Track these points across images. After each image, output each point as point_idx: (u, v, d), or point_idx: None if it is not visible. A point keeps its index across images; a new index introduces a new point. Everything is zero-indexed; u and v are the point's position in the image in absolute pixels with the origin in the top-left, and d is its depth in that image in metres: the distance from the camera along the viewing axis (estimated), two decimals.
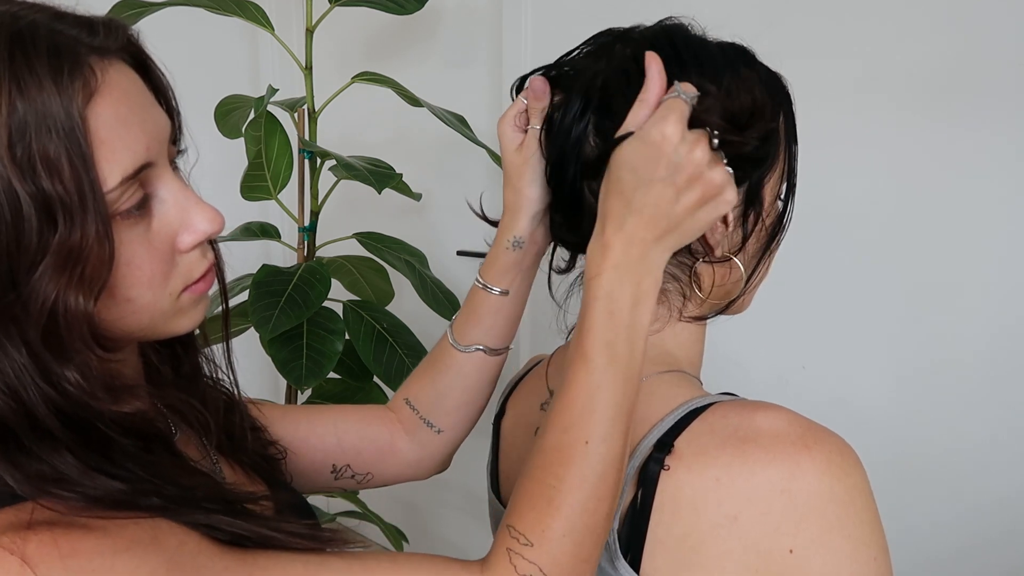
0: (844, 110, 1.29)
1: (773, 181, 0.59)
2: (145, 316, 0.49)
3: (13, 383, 0.43)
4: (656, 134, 0.51)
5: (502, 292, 0.69)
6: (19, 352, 0.43)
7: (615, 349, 0.52)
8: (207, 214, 0.49)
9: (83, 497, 0.43)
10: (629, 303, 0.52)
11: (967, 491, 1.30)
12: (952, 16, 1.18)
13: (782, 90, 0.60)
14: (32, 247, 0.41)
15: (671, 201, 0.51)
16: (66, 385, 0.44)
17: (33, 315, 0.42)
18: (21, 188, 0.40)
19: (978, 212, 1.22)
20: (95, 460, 0.45)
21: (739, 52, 0.59)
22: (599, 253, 0.53)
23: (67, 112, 0.41)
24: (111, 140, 0.43)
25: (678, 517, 0.52)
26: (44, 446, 0.44)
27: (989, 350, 1.24)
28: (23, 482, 0.43)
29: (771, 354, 1.47)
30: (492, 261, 0.68)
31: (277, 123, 1.36)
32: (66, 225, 0.42)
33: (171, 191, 0.48)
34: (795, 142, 0.60)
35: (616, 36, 0.60)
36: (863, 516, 0.50)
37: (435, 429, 0.75)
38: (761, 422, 0.52)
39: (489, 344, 0.71)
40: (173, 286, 0.49)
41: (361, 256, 1.49)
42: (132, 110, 0.45)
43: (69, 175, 0.41)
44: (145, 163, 0.46)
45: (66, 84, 0.41)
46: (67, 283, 0.42)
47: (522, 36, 1.68)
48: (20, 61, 0.41)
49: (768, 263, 0.62)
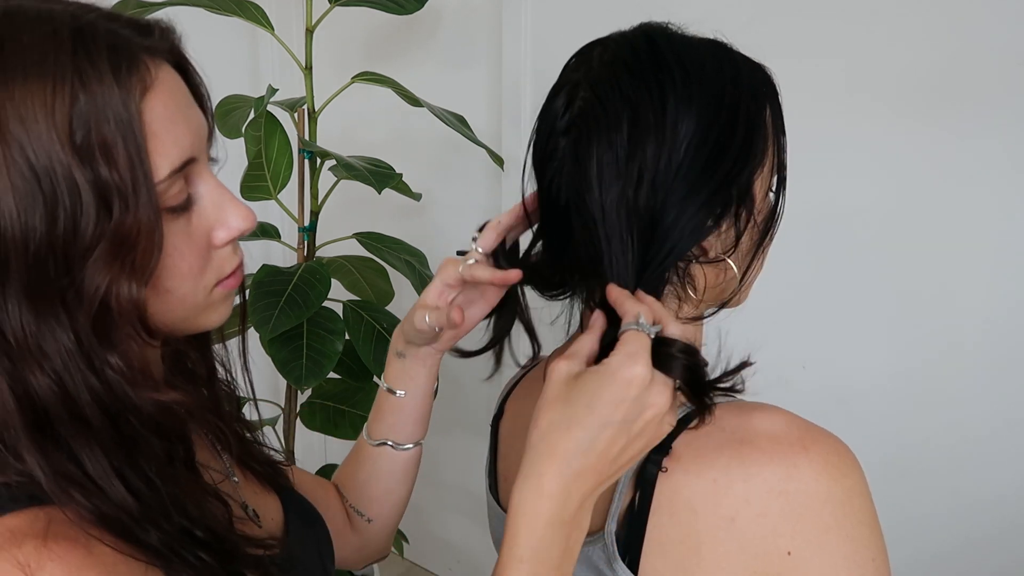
0: (843, 110, 1.29)
1: (763, 176, 0.57)
2: (180, 308, 0.50)
3: (59, 368, 0.44)
4: (626, 374, 0.47)
5: (394, 391, 0.73)
6: (67, 337, 0.44)
7: None
8: (241, 212, 0.51)
9: (95, 511, 0.44)
10: (556, 562, 0.48)
11: (966, 487, 1.30)
12: (943, 19, 1.18)
13: (767, 82, 0.58)
14: (88, 233, 0.43)
15: (622, 449, 0.48)
16: (109, 372, 0.45)
17: (86, 301, 0.44)
18: (80, 175, 0.42)
19: (973, 211, 1.22)
20: (120, 460, 0.45)
21: (719, 48, 0.57)
22: (533, 498, 0.48)
23: (125, 105, 0.43)
24: (161, 134, 0.45)
25: (676, 519, 0.52)
26: (78, 439, 0.44)
27: (986, 347, 1.25)
28: (50, 477, 0.43)
29: (771, 354, 1.46)
30: (387, 363, 0.73)
31: (277, 123, 1.36)
32: (121, 211, 0.43)
33: (209, 188, 0.50)
34: (783, 134, 0.59)
35: (595, 43, 0.59)
36: (861, 517, 0.50)
37: (365, 518, 0.78)
38: (759, 424, 0.52)
39: (394, 440, 0.74)
40: (207, 280, 0.51)
41: (361, 256, 1.49)
42: (179, 107, 0.47)
43: (125, 164, 0.43)
44: (190, 158, 0.47)
45: (124, 79, 0.43)
46: (119, 269, 0.44)
47: (522, 36, 1.67)
48: (83, 56, 0.42)
49: (762, 258, 0.62)
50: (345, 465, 0.79)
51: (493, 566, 0.51)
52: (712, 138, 0.53)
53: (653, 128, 0.52)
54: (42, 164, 0.41)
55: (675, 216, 0.53)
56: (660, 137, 0.52)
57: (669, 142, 0.52)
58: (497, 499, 0.76)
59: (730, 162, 0.54)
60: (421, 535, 2.17)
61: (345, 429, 1.44)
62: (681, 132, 0.53)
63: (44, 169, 0.41)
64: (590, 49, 0.58)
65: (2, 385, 0.43)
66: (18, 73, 0.41)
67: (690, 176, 0.53)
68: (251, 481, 0.64)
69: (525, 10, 1.66)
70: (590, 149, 0.53)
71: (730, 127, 0.54)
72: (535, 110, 0.60)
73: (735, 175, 0.55)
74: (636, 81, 0.53)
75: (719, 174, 0.54)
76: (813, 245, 1.36)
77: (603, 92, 0.54)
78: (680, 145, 0.53)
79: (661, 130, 0.52)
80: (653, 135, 0.52)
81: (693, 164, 0.53)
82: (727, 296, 0.62)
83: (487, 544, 0.54)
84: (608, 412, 0.47)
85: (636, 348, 0.48)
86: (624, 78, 0.54)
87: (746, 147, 0.55)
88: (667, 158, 0.52)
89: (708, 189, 0.54)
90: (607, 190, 0.53)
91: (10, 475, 0.44)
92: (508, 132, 1.74)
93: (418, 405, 0.73)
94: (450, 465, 2.15)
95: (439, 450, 2.14)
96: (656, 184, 0.53)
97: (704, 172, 0.53)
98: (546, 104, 0.58)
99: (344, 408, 1.46)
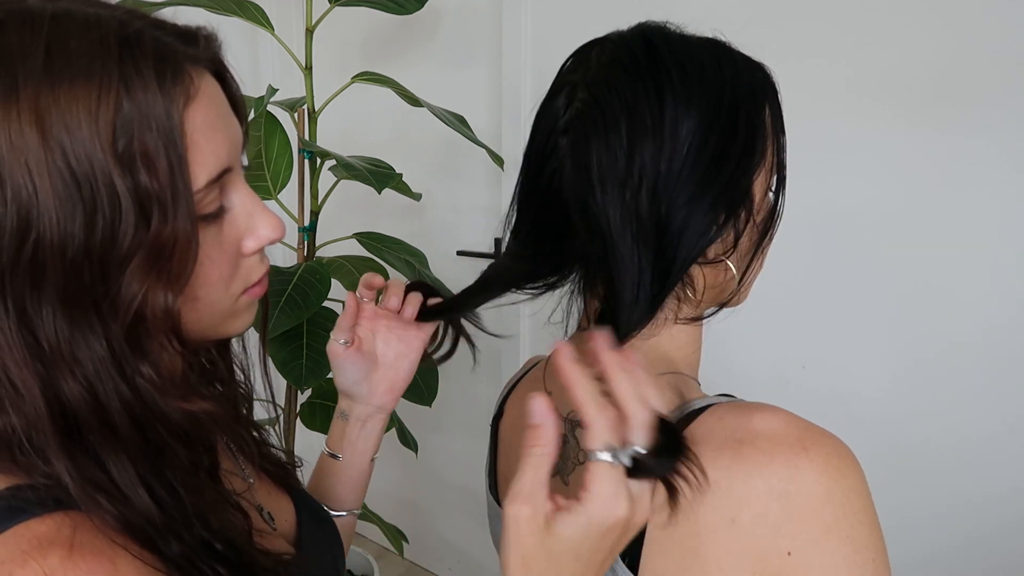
0: (842, 111, 1.29)
1: (762, 176, 0.57)
2: (208, 316, 0.50)
3: (91, 376, 0.44)
4: (608, 520, 0.44)
5: (332, 455, 0.74)
6: (100, 345, 0.44)
7: None
8: (272, 222, 0.51)
9: (121, 518, 0.44)
10: None
11: (966, 487, 1.30)
12: (943, 19, 1.18)
13: (766, 81, 0.58)
14: (127, 242, 0.43)
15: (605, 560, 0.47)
16: (140, 380, 0.45)
17: (121, 310, 0.44)
18: (121, 183, 0.42)
19: (972, 211, 1.22)
20: (146, 469, 0.45)
21: (718, 47, 0.57)
22: None
23: (168, 114, 0.43)
24: (201, 144, 0.45)
25: (676, 520, 0.52)
26: (106, 445, 0.44)
27: (986, 347, 1.25)
28: (78, 482, 0.43)
29: (771, 354, 1.47)
30: (332, 424, 0.75)
31: (277, 123, 1.36)
32: (159, 221, 0.43)
33: (241, 197, 0.50)
34: (783, 133, 0.58)
35: (593, 43, 0.58)
36: (861, 517, 0.50)
37: None
38: (758, 424, 0.52)
39: (328, 504, 0.76)
40: (235, 288, 0.51)
41: (361, 256, 1.49)
42: (219, 117, 0.47)
43: (165, 173, 0.43)
44: (227, 168, 0.48)
45: (169, 88, 0.43)
46: (155, 279, 0.44)
47: (522, 36, 1.68)
48: (128, 63, 0.42)
49: (762, 258, 0.61)
50: None
51: (494, 566, 0.51)
52: (713, 140, 0.53)
53: (651, 130, 0.52)
54: (83, 170, 0.41)
55: (682, 221, 0.53)
56: (659, 139, 0.52)
57: (669, 144, 0.52)
58: (497, 499, 0.76)
59: (733, 164, 0.54)
60: (421, 535, 2.17)
61: None
62: (681, 133, 0.52)
63: (85, 175, 0.41)
64: (588, 50, 0.58)
65: (34, 389, 0.43)
66: (64, 78, 0.41)
67: (693, 179, 0.53)
68: (265, 483, 0.65)
69: (525, 10, 1.66)
70: (589, 151, 0.53)
71: (731, 128, 0.53)
72: (535, 110, 0.59)
73: (738, 177, 0.54)
74: (633, 82, 0.53)
75: (723, 176, 0.53)
76: (813, 245, 1.36)
77: (600, 94, 0.54)
78: (681, 147, 0.52)
79: (660, 131, 0.52)
80: (651, 137, 0.52)
81: (695, 167, 0.53)
82: (726, 296, 0.62)
83: (487, 544, 0.54)
84: (600, 557, 0.46)
85: (612, 489, 0.44)
86: (621, 79, 0.53)
87: (748, 148, 0.55)
88: (668, 160, 0.52)
89: (712, 192, 0.53)
90: (609, 194, 0.53)
91: (36, 477, 0.44)
92: (508, 132, 1.74)
93: (353, 474, 0.75)
94: (450, 465, 2.15)
95: (439, 450, 2.14)
96: (658, 188, 0.52)
97: (707, 175, 0.53)
98: (544, 104, 0.58)
99: None
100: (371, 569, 1.79)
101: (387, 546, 2.25)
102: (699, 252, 0.55)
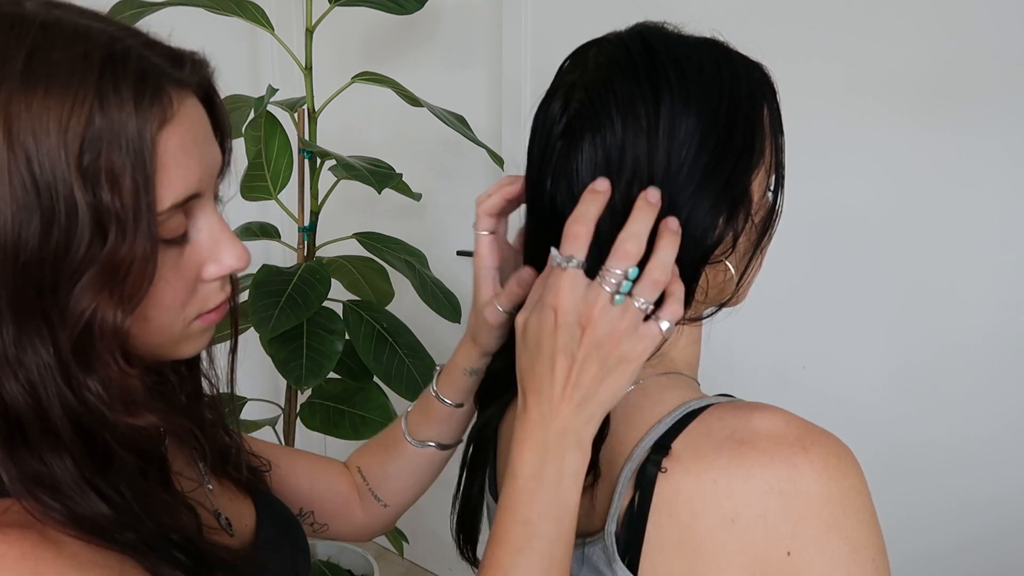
0: (842, 111, 1.29)
1: (761, 176, 0.57)
2: (156, 337, 0.50)
3: (35, 380, 0.44)
4: (550, 302, 0.51)
5: (456, 405, 0.73)
6: (47, 352, 0.44)
7: (533, 528, 0.52)
8: (236, 251, 0.51)
9: (67, 512, 0.44)
10: (553, 483, 0.52)
11: (966, 488, 1.31)
12: (942, 19, 1.19)
13: (765, 81, 0.58)
14: (79, 256, 0.42)
15: (579, 372, 0.51)
16: (87, 393, 0.45)
17: (69, 323, 0.43)
18: (81, 197, 0.42)
19: (972, 211, 1.22)
20: (91, 472, 0.45)
21: (716, 47, 0.57)
22: (520, 429, 0.53)
23: (140, 134, 0.43)
24: (171, 166, 0.45)
25: (676, 520, 0.52)
26: (48, 447, 0.44)
27: (986, 347, 1.25)
28: (16, 480, 0.43)
29: (771, 354, 1.47)
30: (449, 381, 0.72)
31: (277, 123, 1.36)
32: (116, 240, 0.43)
33: (208, 222, 0.50)
34: (781, 133, 0.58)
35: (591, 44, 0.58)
36: (861, 517, 0.50)
37: (381, 503, 0.79)
38: (758, 424, 0.52)
39: (441, 442, 0.76)
40: (188, 312, 0.51)
41: (361, 256, 1.49)
42: (195, 142, 0.47)
43: (129, 192, 0.43)
44: (195, 193, 0.47)
45: (145, 108, 0.43)
46: (107, 296, 0.44)
47: (522, 36, 1.68)
48: (108, 79, 0.42)
49: (761, 258, 0.61)
50: (372, 454, 0.79)
51: None
52: (712, 140, 0.53)
53: (646, 131, 0.52)
54: (45, 179, 0.41)
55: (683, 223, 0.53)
56: (655, 139, 0.52)
57: (667, 144, 0.52)
58: (496, 500, 0.76)
59: (732, 164, 0.54)
60: (421, 535, 2.17)
61: (345, 429, 1.44)
62: (680, 134, 0.52)
63: (47, 184, 0.41)
64: (585, 51, 0.58)
65: None
66: (40, 85, 0.41)
67: (693, 179, 0.53)
68: (227, 488, 0.64)
69: (525, 10, 1.66)
70: (587, 153, 0.53)
71: (729, 128, 0.53)
72: (535, 110, 0.59)
73: (738, 177, 0.54)
74: (630, 83, 0.53)
75: (723, 177, 0.53)
76: (813, 245, 1.36)
77: (598, 95, 0.54)
78: (681, 148, 0.52)
79: (656, 132, 0.52)
80: (647, 137, 0.52)
81: (694, 167, 0.53)
82: (726, 296, 0.62)
83: None
84: (550, 344, 0.51)
85: (555, 280, 0.52)
86: (618, 80, 0.53)
87: (747, 148, 0.55)
88: (666, 161, 0.52)
89: (713, 192, 0.53)
90: None
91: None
92: (508, 132, 1.74)
93: (470, 410, 0.74)
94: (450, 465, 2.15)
95: None
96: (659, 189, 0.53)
97: (706, 176, 0.53)
98: (542, 106, 0.58)
99: (344, 408, 1.46)
100: (371, 569, 1.79)
101: (387, 546, 2.25)
102: (707, 254, 0.55)
